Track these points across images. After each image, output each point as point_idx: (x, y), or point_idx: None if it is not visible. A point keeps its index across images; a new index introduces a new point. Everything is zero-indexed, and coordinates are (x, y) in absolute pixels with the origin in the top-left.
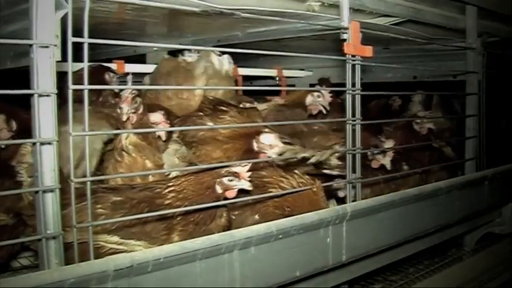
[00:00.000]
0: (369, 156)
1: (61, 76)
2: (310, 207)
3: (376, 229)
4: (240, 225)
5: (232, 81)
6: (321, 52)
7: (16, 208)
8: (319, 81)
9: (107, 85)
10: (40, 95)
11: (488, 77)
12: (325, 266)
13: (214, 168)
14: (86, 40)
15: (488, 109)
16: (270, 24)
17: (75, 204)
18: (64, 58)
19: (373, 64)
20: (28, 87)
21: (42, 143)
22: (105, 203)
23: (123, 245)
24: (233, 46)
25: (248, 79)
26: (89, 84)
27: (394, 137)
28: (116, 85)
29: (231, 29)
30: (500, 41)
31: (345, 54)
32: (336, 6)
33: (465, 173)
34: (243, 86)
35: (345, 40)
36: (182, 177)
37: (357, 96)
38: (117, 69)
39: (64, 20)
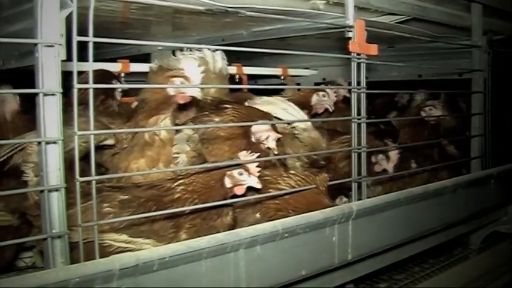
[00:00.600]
0: (372, 159)
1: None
2: (313, 207)
3: (382, 228)
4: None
5: (226, 80)
6: (326, 51)
7: (21, 208)
8: (326, 83)
9: (112, 93)
10: (45, 94)
11: (493, 75)
12: (330, 265)
13: (220, 168)
14: (91, 39)
15: (494, 107)
16: (274, 22)
17: (82, 204)
18: (69, 57)
19: (378, 62)
20: (33, 86)
21: (47, 142)
22: (113, 202)
23: (131, 243)
24: (238, 45)
25: (253, 78)
26: (94, 91)
27: (402, 133)
28: (119, 92)
29: (235, 28)
30: (505, 39)
31: (350, 53)
32: (341, 4)
33: (471, 172)
34: (248, 85)
35: (350, 38)
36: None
37: (362, 94)
38: (122, 68)
39: (69, 19)
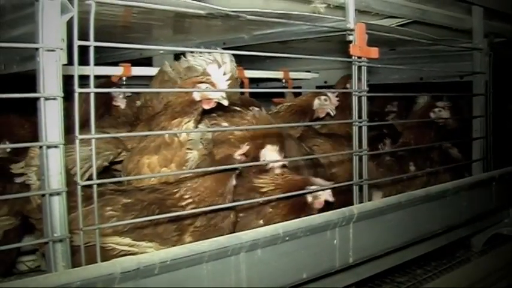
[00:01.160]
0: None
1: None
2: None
3: (383, 231)
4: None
5: (237, 83)
6: (327, 54)
7: (24, 211)
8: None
9: (114, 100)
10: (46, 99)
11: (494, 77)
12: (332, 268)
13: (224, 170)
14: (92, 43)
15: (495, 109)
16: (275, 26)
17: (84, 207)
18: (70, 61)
19: (379, 66)
20: (34, 91)
21: (48, 146)
22: (116, 205)
23: (134, 246)
24: (239, 48)
25: (254, 81)
26: (99, 99)
27: (407, 134)
28: (122, 100)
29: (236, 32)
30: (506, 41)
31: (351, 56)
32: (341, 8)
33: (472, 174)
34: (250, 88)
35: (351, 42)
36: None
37: (363, 97)
38: (123, 72)
39: (70, 23)
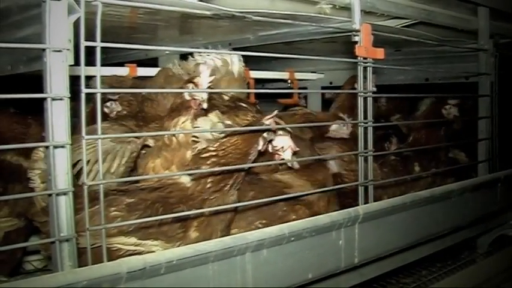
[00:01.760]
0: None
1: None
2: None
3: (389, 231)
4: None
5: (244, 84)
6: (333, 54)
7: (28, 214)
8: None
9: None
10: (53, 99)
11: (500, 78)
12: (337, 268)
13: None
14: (99, 44)
15: (501, 111)
16: (281, 27)
17: (89, 208)
18: (77, 62)
19: (385, 66)
20: (40, 91)
21: (55, 147)
22: (120, 205)
23: (140, 246)
24: (245, 49)
25: (260, 82)
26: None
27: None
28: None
29: (242, 32)
30: None
31: (356, 57)
32: (347, 8)
33: (478, 175)
34: (255, 89)
35: (356, 42)
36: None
37: (369, 98)
38: (129, 72)
39: (76, 24)
